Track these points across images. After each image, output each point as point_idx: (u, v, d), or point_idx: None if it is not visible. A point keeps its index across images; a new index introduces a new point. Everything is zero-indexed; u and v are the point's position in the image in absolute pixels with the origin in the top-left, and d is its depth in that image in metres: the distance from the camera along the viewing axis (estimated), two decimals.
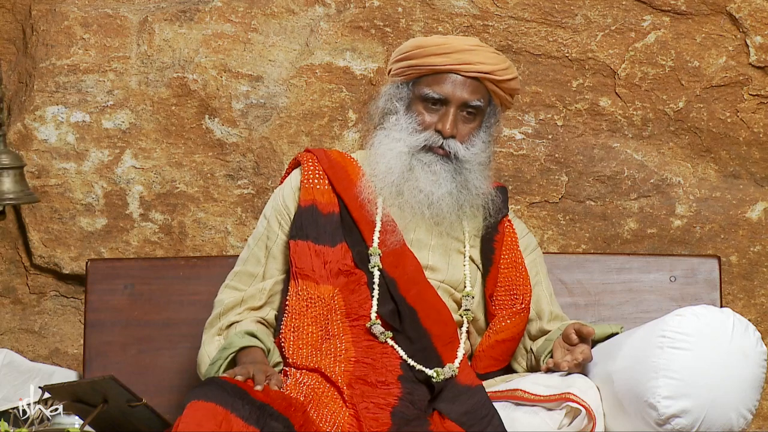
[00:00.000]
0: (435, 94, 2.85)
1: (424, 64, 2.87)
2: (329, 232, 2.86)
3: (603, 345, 2.85)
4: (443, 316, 2.83)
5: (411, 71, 2.90)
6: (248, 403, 2.47)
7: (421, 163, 2.85)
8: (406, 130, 2.86)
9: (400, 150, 2.85)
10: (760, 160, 3.57)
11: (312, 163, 2.94)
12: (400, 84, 2.92)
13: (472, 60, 2.86)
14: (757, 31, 3.52)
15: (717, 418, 2.52)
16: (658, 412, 2.52)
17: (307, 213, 2.88)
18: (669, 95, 3.55)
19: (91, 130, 3.58)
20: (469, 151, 2.86)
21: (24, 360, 3.29)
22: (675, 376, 2.52)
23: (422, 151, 2.85)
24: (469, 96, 2.85)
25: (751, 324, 2.60)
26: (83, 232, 3.59)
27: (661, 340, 2.55)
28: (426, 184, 2.85)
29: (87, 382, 2.68)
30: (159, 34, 3.58)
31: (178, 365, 3.24)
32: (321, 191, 2.91)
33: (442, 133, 2.84)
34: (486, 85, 2.87)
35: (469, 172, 2.86)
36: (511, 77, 2.90)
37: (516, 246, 2.96)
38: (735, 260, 3.58)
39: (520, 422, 2.62)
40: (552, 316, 2.96)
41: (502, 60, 2.90)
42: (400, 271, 2.84)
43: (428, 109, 2.87)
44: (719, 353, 2.54)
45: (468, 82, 2.86)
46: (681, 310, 2.60)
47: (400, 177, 2.85)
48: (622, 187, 3.58)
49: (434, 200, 2.85)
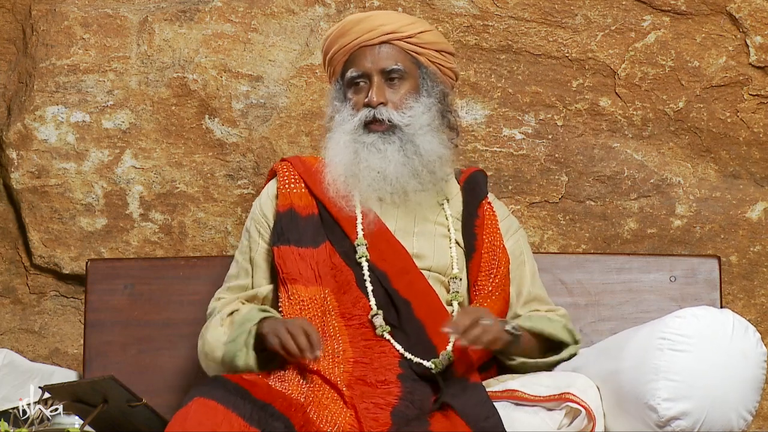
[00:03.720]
0: (354, 72, 2.89)
1: (337, 50, 2.91)
2: (310, 234, 2.87)
3: (603, 345, 2.84)
4: (436, 305, 2.82)
5: (333, 63, 2.94)
6: (250, 403, 2.47)
7: (364, 145, 2.86)
8: (345, 121, 2.89)
9: (345, 140, 2.87)
10: (760, 160, 3.57)
11: (287, 169, 2.96)
12: (334, 84, 2.96)
13: (372, 25, 2.89)
14: (757, 31, 3.52)
15: (717, 420, 2.52)
16: (659, 414, 2.52)
17: (286, 218, 2.89)
18: (669, 95, 3.55)
19: (91, 130, 3.58)
20: (405, 115, 2.86)
21: (24, 360, 3.28)
22: (675, 378, 2.51)
23: (363, 133, 2.86)
24: (385, 62, 2.87)
25: (751, 325, 2.60)
26: (83, 232, 3.59)
27: (661, 342, 2.55)
28: (375, 162, 2.85)
29: (87, 382, 2.68)
30: (159, 34, 3.58)
31: (178, 365, 3.24)
32: (298, 195, 2.92)
33: (370, 104, 2.85)
34: (400, 46, 2.88)
35: (416, 138, 2.86)
36: (421, 30, 2.91)
37: (496, 229, 2.94)
38: (735, 260, 3.58)
39: (520, 422, 2.62)
40: (530, 298, 2.93)
41: (405, 17, 2.93)
42: (389, 263, 2.83)
43: (356, 92, 2.89)
44: (719, 355, 2.54)
45: (379, 49, 2.88)
46: (681, 312, 2.59)
47: (350, 163, 2.86)
48: (622, 187, 3.58)
49: (389, 175, 2.85)
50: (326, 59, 2.98)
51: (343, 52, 2.91)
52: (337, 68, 2.95)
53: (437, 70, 2.94)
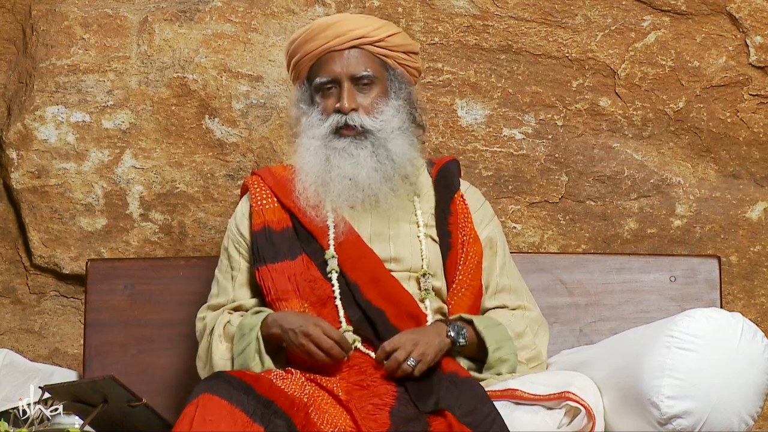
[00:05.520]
0: (324, 77, 2.86)
1: (303, 55, 2.88)
2: (287, 247, 2.85)
3: (609, 342, 2.84)
4: (410, 309, 2.81)
5: (299, 67, 2.91)
6: (254, 399, 2.47)
7: (336, 151, 2.84)
8: (314, 126, 2.86)
9: (316, 146, 2.85)
10: (760, 160, 3.57)
11: (258, 184, 2.94)
12: (299, 86, 2.93)
13: (341, 30, 2.86)
14: (757, 31, 3.52)
15: (718, 421, 2.52)
16: (661, 412, 2.52)
17: (261, 236, 2.87)
18: (669, 95, 3.55)
19: (91, 130, 3.58)
20: (377, 120, 2.85)
21: (24, 360, 3.29)
22: (680, 377, 2.52)
23: (334, 139, 2.84)
24: (355, 67, 2.85)
25: (761, 331, 2.59)
26: (83, 232, 3.59)
27: (668, 340, 2.55)
28: (347, 169, 2.83)
29: (87, 382, 2.68)
30: (159, 34, 3.58)
31: (178, 365, 3.24)
32: (271, 210, 2.90)
33: (341, 110, 2.83)
34: (369, 50, 2.87)
35: (388, 142, 2.85)
36: (390, 33, 2.90)
37: (469, 222, 2.92)
38: (735, 260, 3.58)
39: (520, 421, 2.62)
40: (497, 289, 2.91)
41: (374, 20, 2.91)
42: (361, 273, 2.81)
43: (325, 96, 2.87)
44: (726, 357, 2.54)
45: (349, 54, 2.86)
46: (691, 312, 2.59)
47: (321, 170, 2.84)
48: (622, 187, 3.58)
49: (360, 181, 2.83)
50: (291, 63, 2.94)
51: (309, 57, 2.89)
52: (302, 72, 2.92)
53: (404, 71, 2.93)
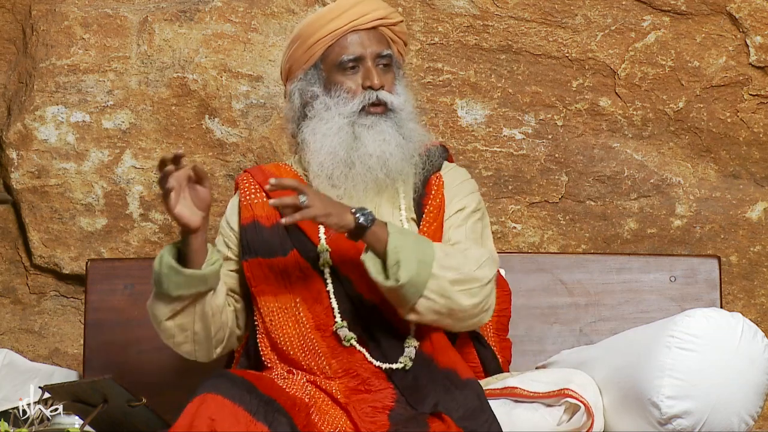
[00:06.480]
0: (349, 56, 2.83)
1: (326, 33, 2.85)
2: (278, 243, 2.82)
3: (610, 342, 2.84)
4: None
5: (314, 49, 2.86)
6: (256, 397, 2.47)
7: (365, 127, 2.81)
8: (337, 105, 2.83)
9: (340, 124, 2.81)
10: (760, 160, 3.57)
11: (248, 181, 2.91)
12: (306, 72, 2.88)
13: (366, 10, 2.86)
14: (757, 31, 3.52)
15: (718, 422, 2.52)
16: (661, 412, 2.52)
17: (250, 230, 2.85)
18: (669, 95, 3.55)
19: (91, 130, 3.58)
20: (399, 99, 2.84)
21: (24, 360, 3.29)
22: (680, 377, 2.52)
23: (362, 116, 2.81)
24: (378, 46, 2.84)
25: (761, 331, 2.59)
26: (83, 232, 3.59)
27: (669, 340, 2.55)
28: (375, 147, 2.80)
29: (87, 382, 2.68)
30: (159, 34, 3.58)
31: (178, 365, 3.23)
32: (260, 205, 2.87)
33: (372, 87, 2.81)
34: (384, 32, 2.87)
35: (406, 122, 2.84)
36: (400, 20, 2.91)
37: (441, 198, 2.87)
38: (735, 260, 3.58)
39: (520, 419, 2.62)
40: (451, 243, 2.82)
41: (387, 5, 2.91)
42: (352, 266, 2.77)
43: (348, 76, 2.83)
44: (726, 357, 2.54)
45: (370, 34, 2.85)
46: (691, 311, 2.59)
47: (348, 150, 2.80)
48: (622, 187, 3.58)
49: (387, 158, 2.80)
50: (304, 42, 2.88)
51: (332, 36, 2.85)
52: (316, 54, 2.86)
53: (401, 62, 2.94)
